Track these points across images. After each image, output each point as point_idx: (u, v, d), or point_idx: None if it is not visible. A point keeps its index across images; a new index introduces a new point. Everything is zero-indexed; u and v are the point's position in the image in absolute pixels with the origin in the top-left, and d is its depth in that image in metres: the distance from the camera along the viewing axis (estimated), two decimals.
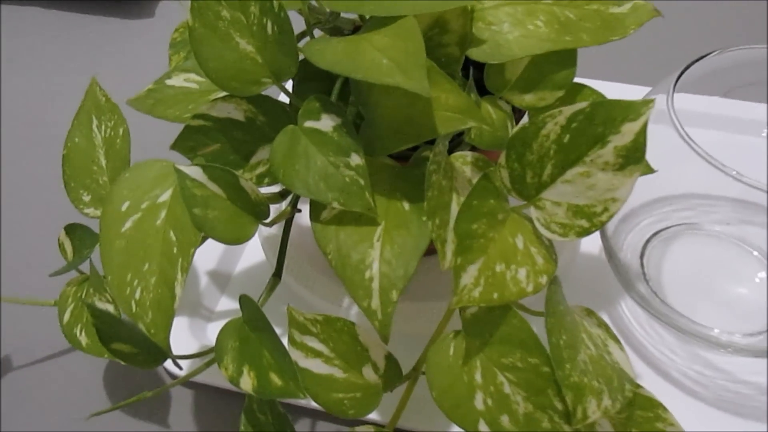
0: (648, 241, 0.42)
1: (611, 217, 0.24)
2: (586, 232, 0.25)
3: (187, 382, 0.39)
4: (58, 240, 0.38)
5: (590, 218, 0.25)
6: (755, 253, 0.40)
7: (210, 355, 0.30)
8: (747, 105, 0.36)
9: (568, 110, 0.24)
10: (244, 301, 0.28)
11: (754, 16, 0.60)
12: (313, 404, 0.36)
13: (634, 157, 0.23)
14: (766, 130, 0.38)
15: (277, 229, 0.37)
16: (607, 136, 0.24)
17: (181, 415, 0.38)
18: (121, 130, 0.36)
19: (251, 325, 0.28)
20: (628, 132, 0.23)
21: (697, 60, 0.33)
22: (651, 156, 0.33)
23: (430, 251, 0.27)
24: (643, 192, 0.40)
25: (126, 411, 0.38)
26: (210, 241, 0.39)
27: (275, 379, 0.26)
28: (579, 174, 0.25)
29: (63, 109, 0.57)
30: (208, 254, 0.43)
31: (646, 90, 0.39)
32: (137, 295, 0.28)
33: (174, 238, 0.29)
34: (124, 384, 0.39)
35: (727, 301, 0.40)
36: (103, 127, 0.37)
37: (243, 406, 0.31)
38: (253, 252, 0.44)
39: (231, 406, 0.38)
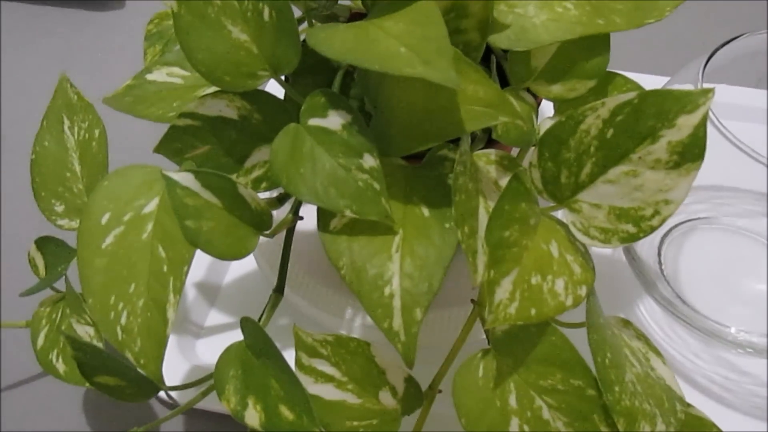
0: (664, 237, 0.40)
1: (663, 221, 0.22)
2: (632, 238, 0.23)
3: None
4: (29, 255, 0.34)
5: (637, 222, 0.22)
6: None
7: (207, 382, 0.27)
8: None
9: (612, 102, 0.22)
10: (245, 324, 0.25)
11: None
12: None
13: (691, 154, 0.21)
14: None
15: (272, 238, 0.34)
16: (660, 131, 0.21)
17: None
18: (96, 132, 0.33)
19: (255, 351, 0.25)
20: (684, 126, 0.21)
21: (722, 45, 0.31)
22: None
23: None
24: None
25: None
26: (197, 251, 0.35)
27: (286, 413, 0.23)
28: (624, 173, 0.22)
29: (29, 109, 0.53)
30: (195, 264, 0.39)
31: (661, 79, 0.37)
32: (123, 321, 0.25)
33: (163, 255, 0.25)
34: (108, 411, 0.36)
35: (747, 299, 0.38)
36: (75, 128, 0.34)
37: None
38: (244, 261, 0.41)
39: (225, 429, 0.35)
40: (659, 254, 0.39)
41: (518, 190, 0.23)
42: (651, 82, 0.36)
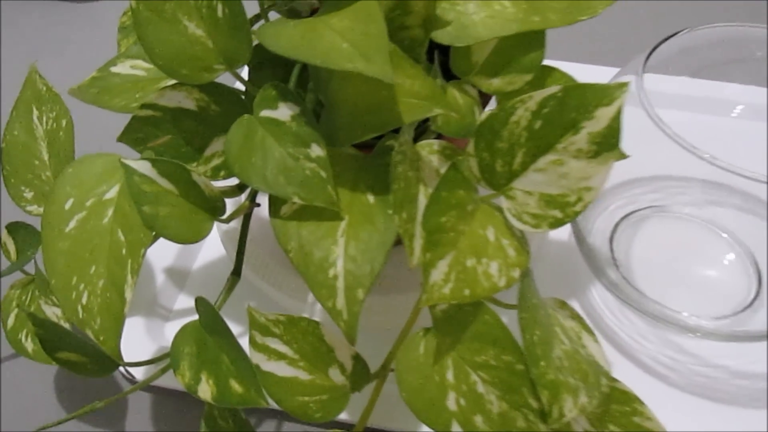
0: (617, 225, 0.42)
1: (585, 206, 0.23)
2: (559, 223, 0.24)
3: (144, 386, 0.37)
4: (1, 240, 0.36)
5: (563, 208, 0.24)
6: (724, 235, 0.40)
7: (165, 361, 0.29)
8: (717, 84, 0.36)
9: (539, 95, 0.23)
10: (199, 303, 0.26)
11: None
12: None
13: (608, 144, 0.22)
14: (738, 110, 0.37)
15: (237, 223, 0.36)
16: (581, 122, 0.23)
17: (138, 420, 0.36)
18: (64, 122, 0.34)
19: (208, 329, 0.26)
20: (602, 117, 0.22)
21: (666, 39, 0.32)
22: (627, 138, 0.33)
23: (396, 241, 0.25)
24: (612, 175, 0.39)
25: (80, 417, 0.36)
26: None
27: (235, 386, 0.25)
28: (551, 162, 0.24)
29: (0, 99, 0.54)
30: (165, 250, 0.41)
31: (613, 71, 0.39)
32: (84, 300, 0.26)
33: (122, 238, 0.27)
34: (78, 388, 0.37)
35: (696, 284, 0.40)
36: (44, 118, 0.35)
37: (203, 411, 0.29)
38: (213, 246, 0.42)
39: (190, 409, 0.36)
40: (611, 242, 0.41)
41: (455, 178, 0.25)
42: (604, 73, 0.38)
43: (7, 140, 0.35)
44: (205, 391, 0.25)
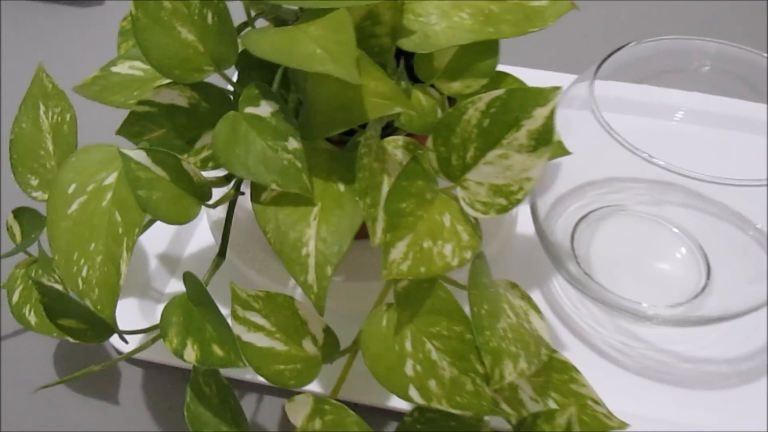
0: (578, 223, 0.45)
1: (526, 195, 0.27)
2: (504, 210, 0.27)
3: (136, 361, 0.40)
4: (7, 224, 0.39)
5: (508, 197, 0.27)
6: (675, 230, 0.43)
7: (156, 331, 0.32)
8: (660, 90, 0.39)
9: (487, 97, 0.26)
10: (187, 277, 0.29)
11: (670, 9, 0.63)
12: (259, 379, 0.38)
13: (544, 139, 0.26)
14: (679, 114, 0.40)
15: (224, 212, 0.39)
16: (521, 120, 0.26)
17: (130, 392, 0.39)
18: (68, 116, 0.37)
19: (194, 301, 0.29)
20: (539, 116, 0.25)
21: (615, 50, 0.35)
22: (579, 141, 0.36)
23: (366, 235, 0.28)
24: (573, 177, 0.43)
25: (76, 389, 0.39)
26: (160, 225, 0.40)
27: (217, 350, 0.28)
28: (498, 156, 0.27)
29: (10, 95, 0.57)
30: (158, 237, 0.44)
31: (574, 77, 0.42)
32: (84, 273, 0.29)
33: (119, 219, 0.30)
34: (74, 365, 0.40)
35: (651, 276, 0.43)
36: (50, 113, 0.38)
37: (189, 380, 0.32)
38: (203, 235, 0.45)
39: (179, 382, 0.39)
40: (572, 238, 0.44)
41: (416, 169, 0.28)
42: (568, 79, 0.41)
43: (16, 132, 0.38)
44: (190, 354, 0.28)
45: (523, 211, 0.46)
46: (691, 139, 0.40)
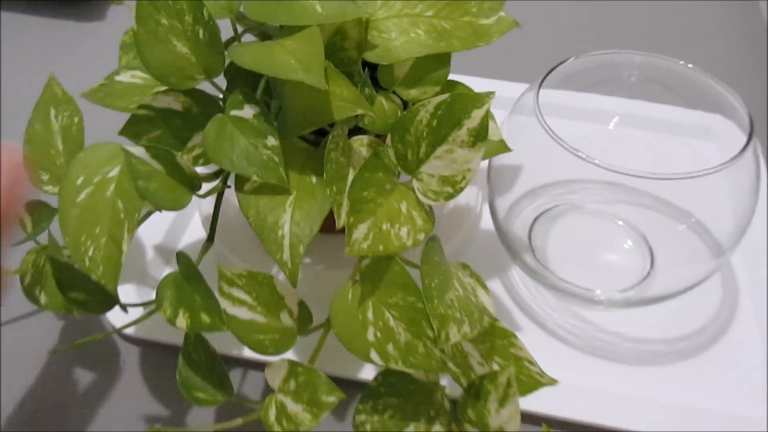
0: (535, 219, 0.49)
1: (468, 183, 0.31)
2: (451, 196, 0.32)
3: (135, 340, 0.45)
4: (19, 218, 0.43)
5: (453, 185, 0.32)
6: (620, 223, 0.48)
7: (152, 306, 0.36)
8: (598, 98, 0.44)
9: (435, 101, 0.31)
10: (180, 255, 0.34)
11: (612, 22, 0.72)
12: (244, 354, 0.43)
13: (481, 136, 0.30)
14: (615, 119, 0.45)
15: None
16: (462, 120, 0.31)
17: (130, 368, 0.44)
18: (76, 119, 0.41)
19: (186, 276, 0.34)
20: (476, 116, 0.30)
21: (559, 64, 0.40)
22: (532, 145, 0.40)
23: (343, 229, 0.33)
24: (532, 178, 0.47)
25: (80, 365, 0.44)
26: (155, 219, 0.45)
27: (205, 318, 0.32)
28: (445, 151, 0.32)
29: (21, 104, 0.62)
30: (154, 231, 0.49)
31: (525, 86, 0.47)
32: (90, 253, 0.34)
33: (121, 206, 0.34)
34: (75, 352, 0.45)
35: (602, 265, 0.48)
36: (60, 116, 0.42)
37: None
38: (195, 230, 0.50)
39: (172, 358, 0.44)
40: (530, 232, 0.49)
41: (376, 163, 0.33)
42: (520, 89, 0.46)
43: (29, 133, 0.42)
44: (182, 321, 0.33)
45: (486, 209, 0.50)
46: (627, 141, 0.45)
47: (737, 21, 0.73)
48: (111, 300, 0.34)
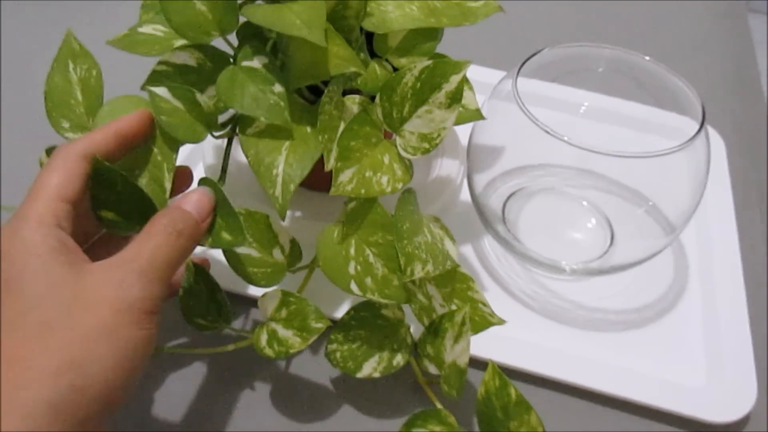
0: (511, 195, 0.54)
1: (442, 139, 0.36)
2: (427, 151, 0.37)
3: None
4: (39, 160, 0.47)
5: (430, 142, 0.36)
6: (585, 203, 0.53)
7: None
8: (568, 89, 0.48)
9: (420, 65, 0.36)
10: (203, 181, 0.37)
11: (581, 17, 0.78)
12: (249, 292, 0.47)
13: (456, 99, 0.35)
14: (582, 109, 0.50)
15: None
16: (442, 84, 0.35)
17: None
18: (94, 72, 0.44)
19: None
20: (453, 81, 0.35)
21: (534, 54, 0.45)
22: (510, 129, 0.44)
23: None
24: (508, 158, 0.51)
25: None
26: None
27: (226, 236, 0.36)
28: (425, 111, 0.36)
29: (46, 56, 0.66)
30: None
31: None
32: None
33: (157, 151, 0.38)
34: None
35: (568, 241, 0.52)
36: (78, 69, 0.44)
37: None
38: None
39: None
40: (504, 206, 0.53)
41: (364, 118, 0.37)
42: (498, 75, 0.51)
43: (49, 85, 0.45)
44: (206, 239, 0.37)
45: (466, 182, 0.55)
46: (592, 130, 0.49)
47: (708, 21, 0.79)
48: (141, 219, 0.35)
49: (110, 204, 0.36)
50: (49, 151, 0.46)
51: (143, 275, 0.32)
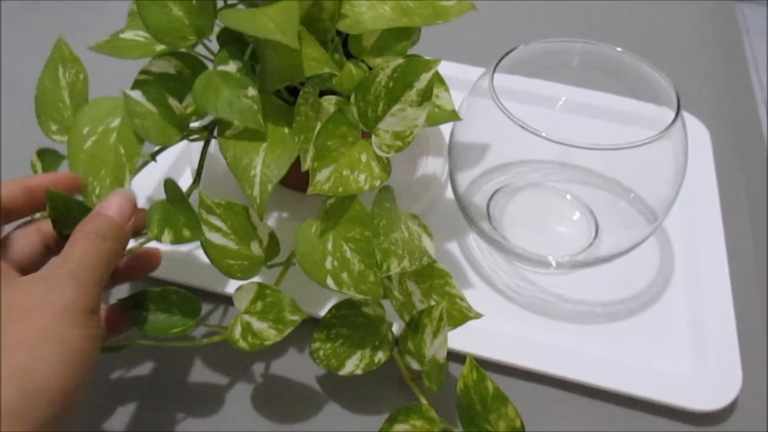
0: (495, 192, 0.54)
1: (414, 137, 0.36)
2: (400, 149, 0.37)
3: None
4: (31, 162, 0.48)
5: (402, 139, 0.37)
6: (569, 197, 0.53)
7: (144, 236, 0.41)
8: (545, 84, 0.49)
9: (392, 65, 0.36)
10: (167, 182, 0.38)
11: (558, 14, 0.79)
12: (226, 291, 0.47)
13: (427, 96, 0.35)
14: (559, 103, 0.51)
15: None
16: (413, 82, 0.36)
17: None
18: (81, 76, 0.45)
19: (170, 201, 0.39)
20: (424, 79, 0.35)
21: (510, 51, 0.45)
22: (490, 126, 0.45)
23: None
24: (490, 156, 0.52)
25: None
26: (150, 173, 0.49)
27: (186, 233, 0.37)
28: (399, 109, 0.37)
29: (37, 61, 0.67)
30: (148, 184, 0.54)
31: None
32: (97, 192, 0.39)
33: (122, 151, 0.39)
34: None
35: (554, 234, 0.53)
36: (67, 74, 0.46)
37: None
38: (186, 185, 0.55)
39: None
40: (489, 203, 0.54)
41: (340, 117, 0.38)
42: (477, 72, 0.51)
43: (39, 89, 0.47)
44: (166, 238, 0.38)
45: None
46: (572, 124, 0.50)
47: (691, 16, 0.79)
48: None
49: (69, 223, 0.37)
50: (40, 154, 0.47)
51: (74, 278, 0.33)
